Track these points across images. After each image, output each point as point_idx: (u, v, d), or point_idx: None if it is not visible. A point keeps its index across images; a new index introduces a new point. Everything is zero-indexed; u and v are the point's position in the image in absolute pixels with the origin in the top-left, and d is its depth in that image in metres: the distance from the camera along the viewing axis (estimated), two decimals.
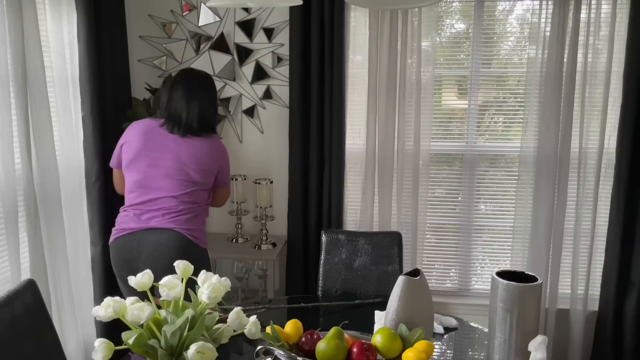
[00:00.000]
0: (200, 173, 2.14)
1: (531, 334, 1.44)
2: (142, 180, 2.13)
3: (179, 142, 2.15)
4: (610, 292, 2.73)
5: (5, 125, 1.97)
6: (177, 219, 2.10)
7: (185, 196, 2.12)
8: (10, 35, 1.98)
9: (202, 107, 2.19)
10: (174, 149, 2.13)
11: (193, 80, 2.22)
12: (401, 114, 2.78)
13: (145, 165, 2.13)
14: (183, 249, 2.07)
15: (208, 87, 2.25)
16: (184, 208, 2.12)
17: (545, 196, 2.74)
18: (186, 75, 2.25)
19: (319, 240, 2.49)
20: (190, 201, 2.13)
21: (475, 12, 2.76)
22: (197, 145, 2.16)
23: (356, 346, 1.33)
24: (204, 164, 2.15)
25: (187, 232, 2.11)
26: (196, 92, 2.19)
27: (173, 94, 2.19)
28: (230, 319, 1.18)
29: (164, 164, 2.12)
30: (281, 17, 2.83)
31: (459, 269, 3.02)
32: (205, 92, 2.22)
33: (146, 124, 2.20)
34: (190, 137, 2.16)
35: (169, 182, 2.11)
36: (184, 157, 2.13)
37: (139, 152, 2.14)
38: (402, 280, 1.47)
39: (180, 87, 2.19)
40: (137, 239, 2.10)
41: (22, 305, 1.52)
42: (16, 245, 2.04)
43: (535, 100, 2.70)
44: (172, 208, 2.11)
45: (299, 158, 2.83)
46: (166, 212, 2.10)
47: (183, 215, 2.11)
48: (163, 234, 2.08)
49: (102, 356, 1.09)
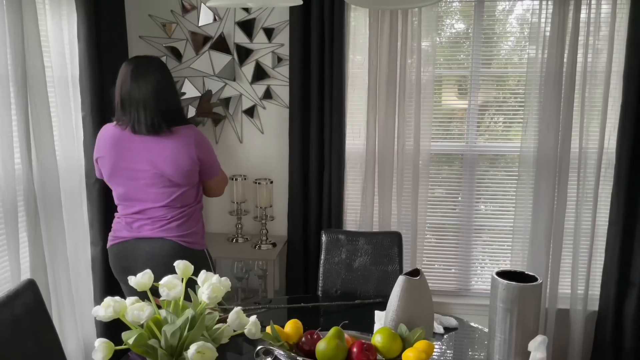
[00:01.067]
0: (181, 175, 2.00)
1: (531, 334, 1.44)
2: (125, 193, 2.05)
3: (150, 145, 1.98)
4: (610, 292, 2.73)
5: (5, 125, 1.97)
6: (167, 227, 2.03)
7: (172, 202, 2.03)
8: (10, 35, 1.98)
9: (157, 94, 1.97)
10: (148, 157, 1.98)
11: (139, 68, 2.00)
12: (401, 114, 2.78)
13: (124, 179, 2.03)
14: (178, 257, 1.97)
15: (157, 70, 2.02)
16: (174, 215, 2.04)
17: (545, 196, 2.74)
18: (128, 64, 2.03)
19: (319, 240, 2.49)
20: (179, 206, 2.05)
21: (475, 12, 2.76)
22: (170, 145, 1.98)
23: (356, 346, 1.33)
24: (182, 164, 1.98)
25: (179, 239, 2.04)
26: (145, 78, 1.97)
27: (122, 89, 2.00)
28: (230, 319, 1.18)
29: (142, 175, 2.00)
30: (281, 17, 2.83)
31: (459, 269, 3.02)
32: (155, 76, 1.99)
33: (112, 133, 2.03)
34: (159, 136, 1.97)
35: (152, 193, 2.02)
36: (159, 163, 1.98)
37: (114, 167, 2.02)
38: (402, 280, 1.47)
39: (126, 80, 1.99)
40: (131, 247, 2.07)
41: (22, 305, 1.52)
42: (16, 245, 2.04)
43: (535, 100, 2.70)
44: (162, 217, 2.03)
45: (299, 158, 2.83)
46: (156, 220, 2.04)
47: (174, 222, 2.04)
48: (155, 244, 2.03)
49: (102, 356, 1.09)
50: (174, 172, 1.99)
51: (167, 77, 2.05)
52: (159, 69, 2.03)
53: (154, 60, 2.08)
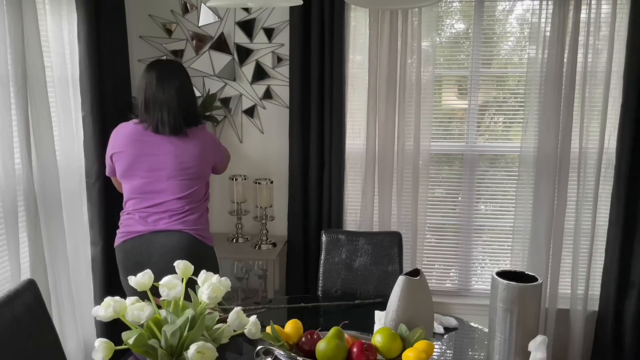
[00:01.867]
0: (202, 168, 2.14)
1: (531, 334, 1.44)
2: (143, 185, 2.10)
3: (173, 142, 2.09)
4: (610, 292, 2.73)
5: (5, 125, 1.97)
6: (185, 220, 2.10)
7: (189, 196, 2.11)
8: (10, 35, 1.98)
9: (180, 97, 2.10)
10: (172, 149, 2.08)
11: (164, 72, 2.12)
12: (401, 114, 2.78)
13: (145, 170, 2.09)
14: (194, 250, 2.08)
15: (182, 75, 2.15)
16: (190, 208, 2.11)
17: (545, 196, 2.74)
18: (153, 67, 2.14)
19: (319, 240, 2.49)
20: (194, 200, 2.13)
21: (475, 12, 2.76)
22: (196, 144, 2.11)
23: (356, 346, 1.33)
24: (208, 161, 2.16)
25: (195, 233, 2.10)
26: (170, 82, 2.10)
27: (147, 91, 2.10)
28: (230, 319, 1.18)
29: (165, 166, 2.08)
30: (281, 17, 2.83)
31: (459, 269, 3.02)
32: (180, 80, 2.13)
33: (132, 130, 2.11)
34: (179, 136, 2.09)
35: (173, 184, 2.09)
36: (184, 157, 2.09)
37: (135, 159, 2.08)
38: (402, 280, 1.47)
39: (151, 82, 2.09)
40: (146, 241, 2.08)
41: (22, 305, 1.52)
42: (16, 245, 2.04)
43: (535, 100, 2.70)
44: (179, 209, 2.10)
45: (299, 158, 2.83)
46: (173, 213, 2.09)
47: (191, 215, 2.11)
48: (173, 236, 2.08)
49: (102, 356, 1.09)
50: (200, 168, 2.12)
51: (188, 81, 2.18)
52: (183, 73, 2.16)
53: (177, 64, 2.21)
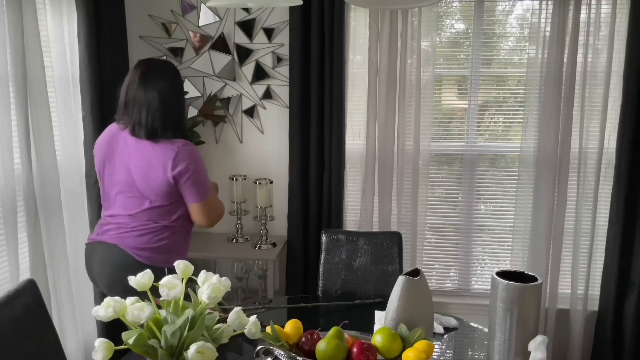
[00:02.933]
0: (149, 189, 1.90)
1: (531, 334, 1.44)
2: (104, 194, 2.03)
3: (133, 150, 1.91)
4: (610, 292, 2.73)
5: (5, 125, 1.97)
6: (124, 236, 1.93)
7: (140, 215, 1.92)
8: (10, 35, 1.98)
9: (163, 99, 1.90)
10: (126, 160, 1.92)
11: (150, 71, 1.94)
12: (401, 114, 2.78)
13: (107, 178, 1.99)
14: (128, 268, 1.79)
15: (168, 77, 1.95)
16: (137, 226, 1.92)
17: (545, 196, 2.74)
18: (140, 65, 1.97)
19: (319, 240, 2.49)
20: (147, 219, 1.93)
21: (475, 12, 2.76)
22: (147, 156, 1.88)
23: (356, 346, 1.33)
24: (152, 178, 1.88)
25: (132, 251, 1.91)
26: (154, 83, 1.91)
27: (129, 89, 1.94)
28: (230, 319, 1.18)
29: (118, 180, 1.95)
30: (281, 17, 2.83)
31: (459, 269, 3.02)
32: (165, 82, 1.93)
33: (110, 130, 2.01)
34: (154, 142, 1.89)
35: (122, 199, 1.95)
36: (133, 172, 1.90)
37: (103, 164, 1.99)
38: (402, 280, 1.47)
39: (134, 80, 1.93)
40: (90, 251, 2.03)
41: (22, 305, 1.52)
42: (16, 245, 2.04)
43: (535, 100, 2.70)
44: (126, 225, 1.94)
45: (299, 158, 2.83)
46: (119, 226, 1.95)
47: (134, 232, 1.92)
48: (108, 250, 1.95)
49: (102, 356, 1.09)
50: (143, 185, 1.90)
51: (176, 85, 1.97)
52: (170, 75, 1.96)
53: (167, 65, 2.01)
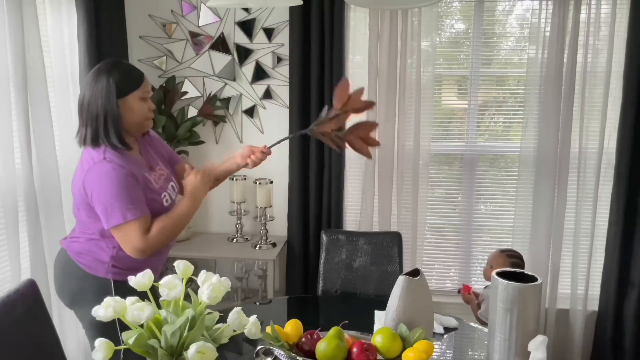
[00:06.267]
0: (74, 196, 1.75)
1: (531, 334, 1.44)
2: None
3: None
4: (610, 292, 2.73)
5: (5, 124, 1.97)
6: (68, 239, 1.83)
7: (77, 219, 1.81)
8: (10, 35, 1.98)
9: (88, 102, 1.67)
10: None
11: (96, 69, 1.70)
12: (401, 114, 2.78)
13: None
14: (65, 269, 1.77)
15: (99, 76, 1.67)
16: (76, 229, 1.82)
17: (545, 196, 2.74)
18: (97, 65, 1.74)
19: (319, 240, 2.49)
20: (80, 225, 1.80)
21: (475, 12, 2.76)
22: (81, 159, 1.74)
23: (356, 346, 1.33)
24: (74, 185, 1.74)
25: (73, 255, 1.78)
26: (87, 83, 1.69)
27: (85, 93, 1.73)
28: (230, 319, 1.18)
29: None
30: (281, 17, 2.83)
31: (459, 269, 3.02)
32: (100, 83, 1.66)
33: None
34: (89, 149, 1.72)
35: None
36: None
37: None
38: (402, 280, 1.47)
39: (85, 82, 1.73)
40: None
41: (22, 305, 1.52)
42: (16, 245, 2.04)
43: (535, 100, 2.70)
44: (73, 229, 1.86)
45: (299, 158, 2.83)
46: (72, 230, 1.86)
47: (74, 236, 1.81)
48: (59, 253, 1.84)
49: (102, 356, 1.09)
50: (76, 193, 1.74)
51: (103, 87, 1.66)
52: (102, 75, 1.67)
53: (104, 64, 1.71)
